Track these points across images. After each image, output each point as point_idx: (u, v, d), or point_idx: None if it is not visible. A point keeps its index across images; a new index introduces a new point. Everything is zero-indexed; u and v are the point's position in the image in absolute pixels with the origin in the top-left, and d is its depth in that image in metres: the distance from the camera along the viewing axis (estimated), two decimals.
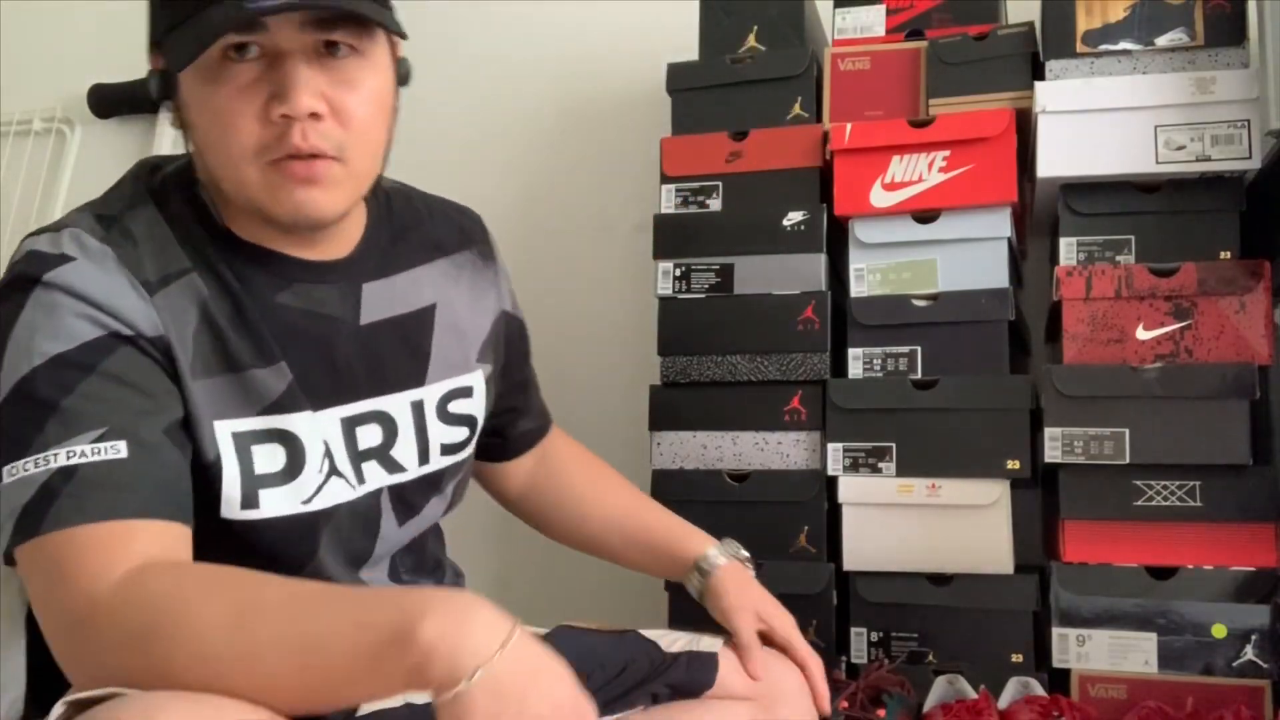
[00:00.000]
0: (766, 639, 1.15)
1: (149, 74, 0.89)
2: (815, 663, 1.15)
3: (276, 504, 0.90)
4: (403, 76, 0.94)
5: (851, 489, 1.52)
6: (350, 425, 0.95)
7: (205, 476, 0.87)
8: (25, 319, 0.82)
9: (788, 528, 1.54)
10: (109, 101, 2.50)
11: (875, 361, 1.55)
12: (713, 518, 1.57)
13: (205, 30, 0.80)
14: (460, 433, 1.06)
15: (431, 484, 1.04)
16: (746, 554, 1.24)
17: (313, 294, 0.93)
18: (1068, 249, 1.48)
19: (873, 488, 1.51)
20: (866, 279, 1.56)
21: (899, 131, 1.55)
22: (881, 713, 1.31)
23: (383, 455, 0.98)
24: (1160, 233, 1.45)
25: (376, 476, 0.98)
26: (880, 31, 1.66)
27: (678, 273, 1.63)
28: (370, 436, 0.97)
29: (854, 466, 1.52)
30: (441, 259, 1.06)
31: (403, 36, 0.91)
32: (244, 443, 0.88)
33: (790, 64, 1.64)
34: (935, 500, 1.48)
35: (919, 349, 1.53)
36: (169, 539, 0.79)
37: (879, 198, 1.55)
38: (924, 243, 1.54)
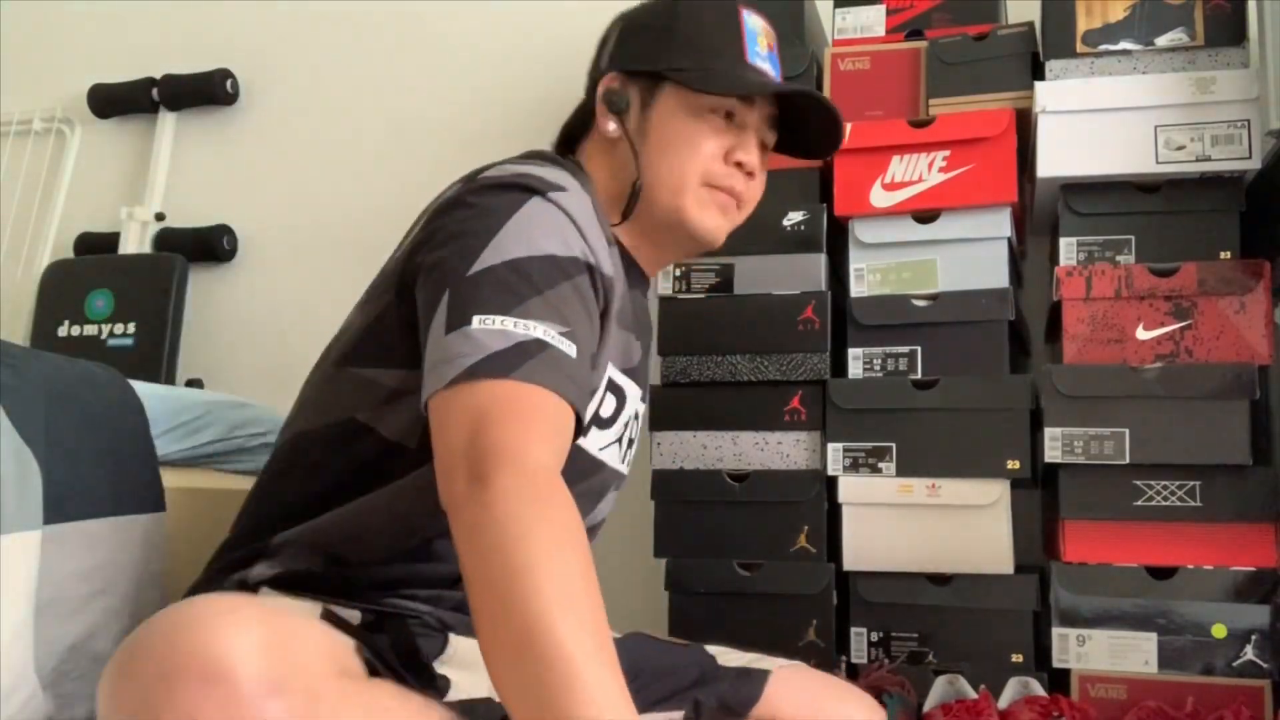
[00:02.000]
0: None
1: (614, 91, 1.11)
2: None
3: (596, 441, 1.05)
4: None
5: (851, 489, 1.52)
6: (635, 416, 1.13)
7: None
8: (527, 215, 0.94)
9: (788, 528, 1.54)
10: (109, 101, 2.51)
11: (875, 361, 1.55)
12: (713, 518, 1.58)
13: (744, 84, 1.10)
14: (634, 451, 1.20)
15: (612, 485, 1.17)
16: None
17: (637, 299, 1.15)
18: (1068, 249, 1.48)
19: (873, 488, 1.51)
20: (866, 279, 1.56)
21: (899, 131, 1.55)
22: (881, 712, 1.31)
23: (628, 449, 1.15)
24: (1160, 233, 1.45)
25: (625, 464, 1.15)
26: (880, 31, 1.66)
27: (678, 273, 1.63)
28: (634, 430, 1.15)
29: (854, 466, 1.52)
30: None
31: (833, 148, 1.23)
32: (608, 388, 1.05)
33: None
34: (935, 500, 1.48)
35: (919, 349, 1.53)
36: (569, 432, 0.88)
37: (879, 198, 1.55)
38: (924, 243, 1.54)
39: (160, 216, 2.44)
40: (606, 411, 1.05)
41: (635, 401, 1.12)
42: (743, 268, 1.60)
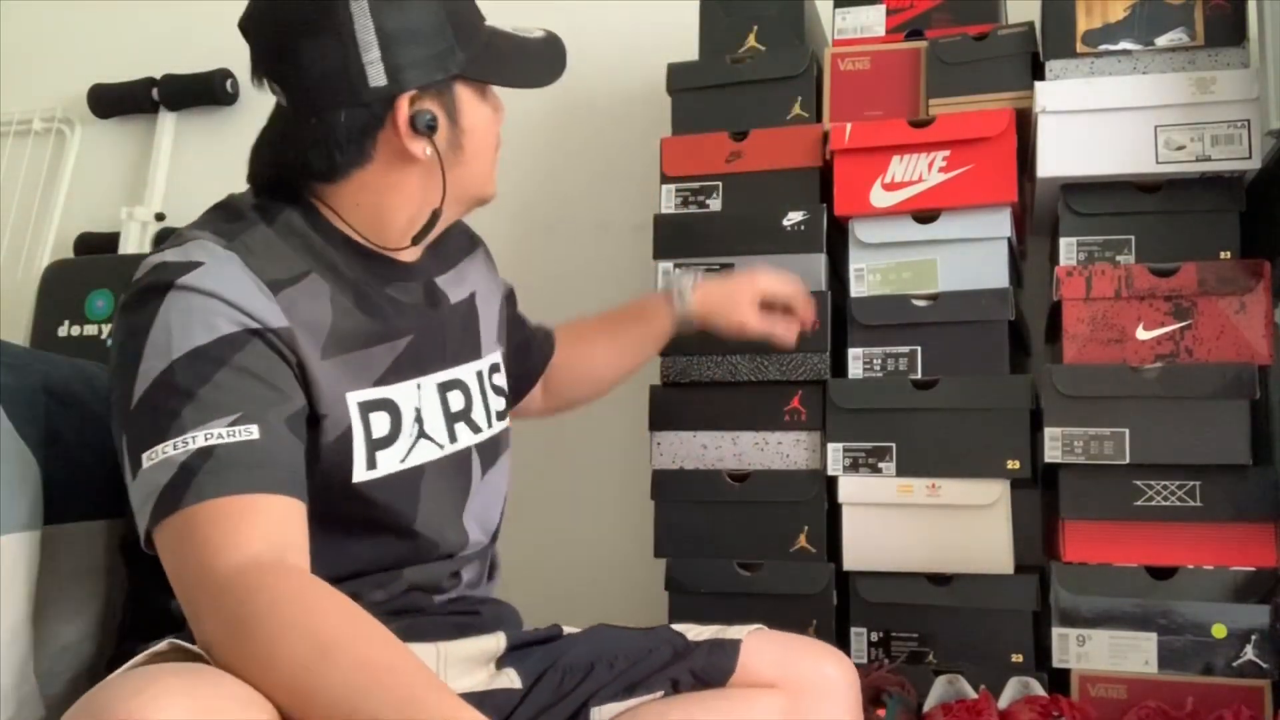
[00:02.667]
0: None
1: (422, 112, 1.01)
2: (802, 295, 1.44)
3: (387, 463, 1.01)
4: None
5: (851, 489, 1.52)
6: (443, 391, 1.09)
7: (339, 446, 0.98)
8: (161, 321, 0.89)
9: (788, 528, 1.54)
10: (109, 101, 2.51)
11: (875, 361, 1.54)
12: (713, 518, 1.58)
13: (539, 71, 1.13)
14: (500, 402, 1.20)
15: (496, 446, 1.17)
16: (695, 273, 1.45)
17: (407, 288, 1.08)
18: (1068, 249, 1.48)
19: (873, 488, 1.51)
20: (866, 279, 1.56)
21: (899, 131, 1.55)
22: (881, 713, 1.31)
23: (466, 417, 1.12)
24: (1160, 233, 1.45)
25: (465, 437, 1.12)
26: (880, 31, 1.66)
27: (678, 273, 1.63)
28: (456, 401, 1.11)
29: (854, 466, 1.52)
30: (465, 259, 1.21)
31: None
32: (364, 410, 1.00)
33: (790, 64, 1.64)
34: (935, 500, 1.48)
35: (919, 349, 1.53)
36: (291, 515, 0.86)
37: (879, 198, 1.55)
38: (924, 243, 1.54)
39: (160, 216, 2.44)
40: (381, 431, 1.01)
41: (428, 388, 1.08)
42: (743, 268, 1.60)
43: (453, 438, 1.10)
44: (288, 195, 1.04)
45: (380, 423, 1.01)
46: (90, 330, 2.29)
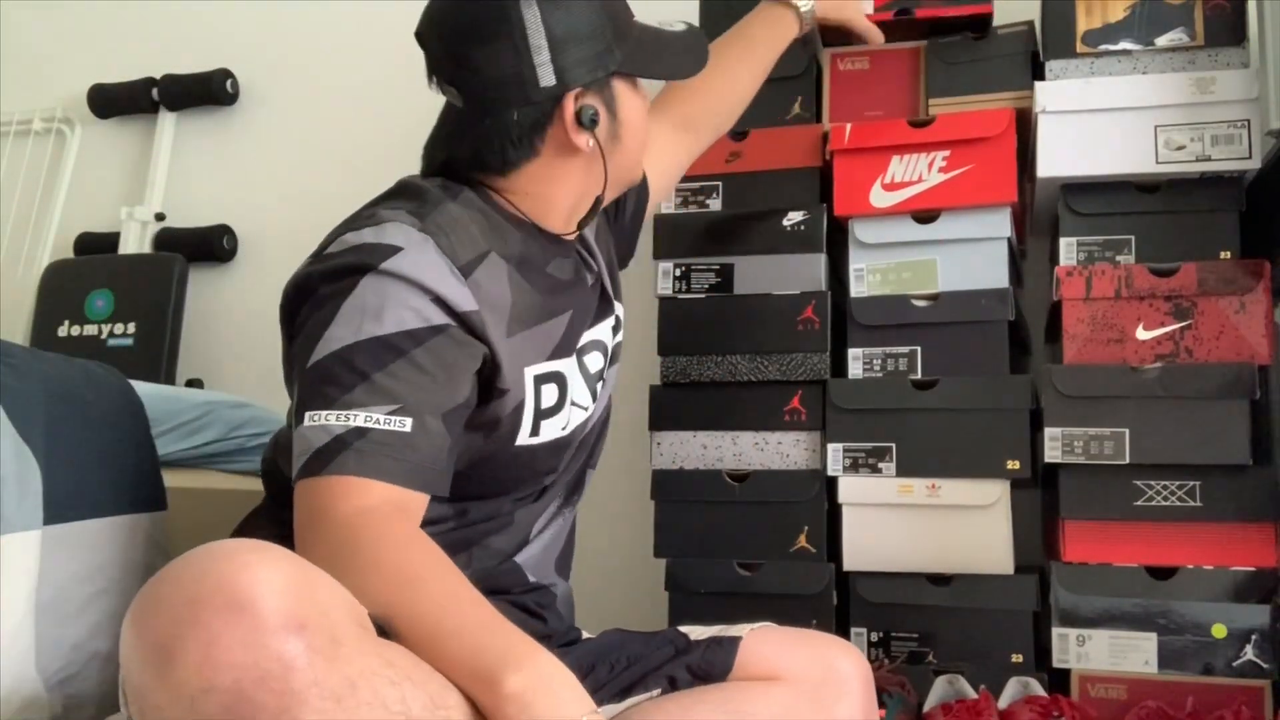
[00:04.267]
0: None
1: (585, 108, 1.08)
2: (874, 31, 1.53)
3: (551, 431, 1.10)
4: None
5: (851, 489, 1.52)
6: (582, 355, 1.17)
7: (513, 416, 1.05)
8: (357, 298, 0.96)
9: (788, 528, 1.54)
10: (109, 101, 2.51)
11: (875, 361, 1.54)
12: (713, 518, 1.58)
13: (687, 63, 1.20)
14: (619, 336, 1.27)
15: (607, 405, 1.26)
16: None
17: (563, 264, 1.15)
18: (1068, 249, 1.48)
19: (873, 488, 1.51)
20: (866, 279, 1.56)
21: (899, 131, 1.55)
22: (881, 713, 1.31)
23: (601, 377, 1.20)
24: (1160, 233, 1.45)
25: (601, 394, 1.21)
26: (869, 9, 1.61)
27: (678, 273, 1.62)
28: (594, 362, 1.19)
29: (854, 466, 1.52)
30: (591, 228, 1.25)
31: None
32: (538, 383, 1.08)
33: (790, 64, 1.64)
34: (935, 500, 1.48)
35: (919, 349, 1.53)
36: (412, 503, 0.93)
37: (879, 198, 1.55)
38: (924, 243, 1.54)
39: (160, 216, 2.44)
40: (549, 401, 1.10)
41: (594, 354, 1.19)
42: (743, 268, 1.60)
43: (594, 396, 1.18)
44: (462, 182, 1.10)
45: (549, 394, 1.10)
46: (90, 330, 2.29)
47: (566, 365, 1.13)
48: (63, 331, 2.31)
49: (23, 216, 2.51)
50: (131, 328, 2.27)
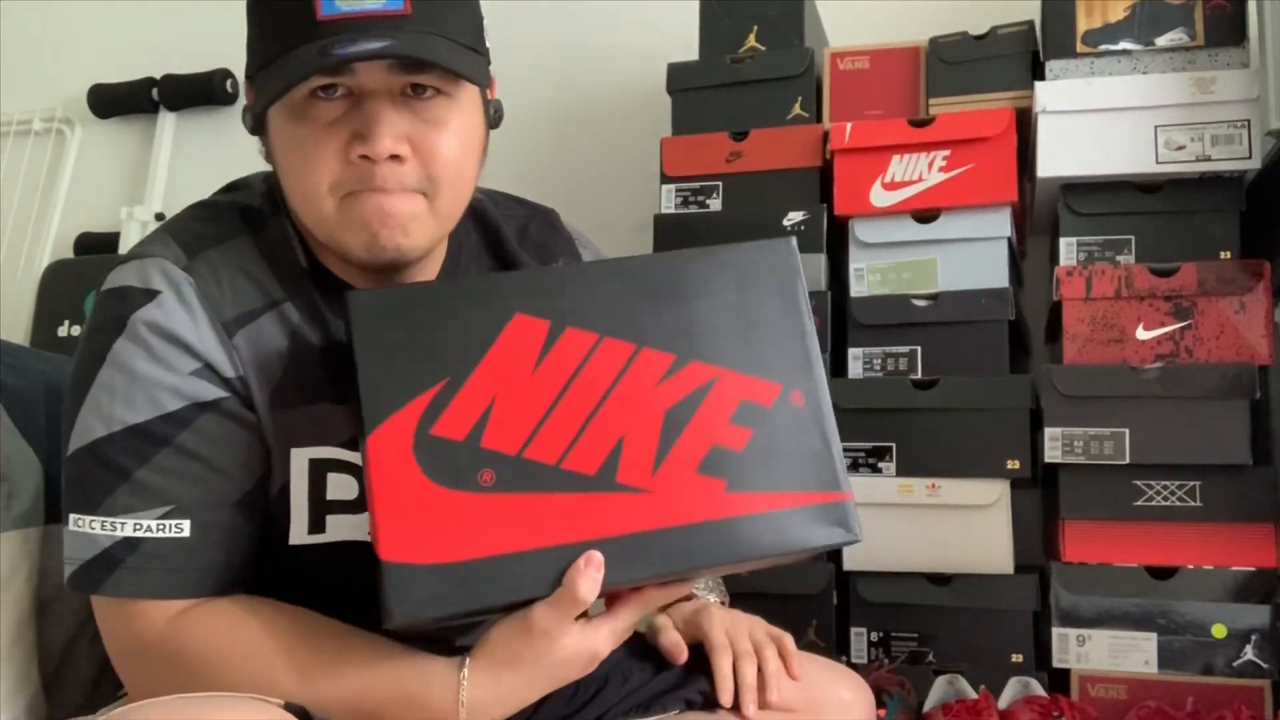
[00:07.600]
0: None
1: (244, 109, 0.89)
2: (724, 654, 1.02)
3: (344, 530, 0.89)
4: (494, 119, 0.93)
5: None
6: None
7: (279, 501, 0.88)
8: (107, 373, 0.82)
9: None
10: (109, 101, 2.51)
11: (875, 361, 1.54)
12: None
13: (294, 70, 0.80)
14: None
15: None
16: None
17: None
18: (1068, 249, 1.48)
19: (873, 488, 1.51)
20: (866, 279, 1.56)
21: (899, 131, 1.55)
22: (881, 713, 1.31)
23: None
24: (1160, 233, 1.45)
25: None
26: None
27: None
28: None
29: (854, 466, 1.51)
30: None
31: (482, 85, 0.89)
32: (320, 470, 0.88)
33: (790, 64, 1.65)
34: (935, 500, 1.48)
35: (919, 349, 1.53)
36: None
37: (879, 197, 1.55)
38: (924, 242, 1.54)
39: (160, 216, 2.43)
40: (349, 495, 0.89)
41: None
42: None
43: None
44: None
45: (344, 486, 0.90)
46: None
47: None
48: (63, 331, 2.31)
49: (23, 216, 2.51)
50: None
